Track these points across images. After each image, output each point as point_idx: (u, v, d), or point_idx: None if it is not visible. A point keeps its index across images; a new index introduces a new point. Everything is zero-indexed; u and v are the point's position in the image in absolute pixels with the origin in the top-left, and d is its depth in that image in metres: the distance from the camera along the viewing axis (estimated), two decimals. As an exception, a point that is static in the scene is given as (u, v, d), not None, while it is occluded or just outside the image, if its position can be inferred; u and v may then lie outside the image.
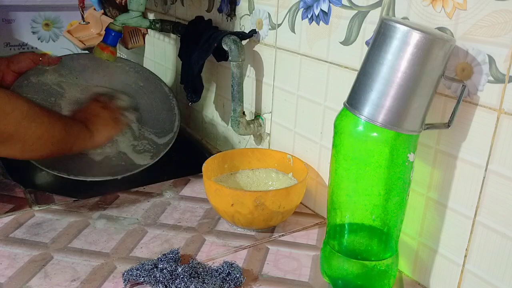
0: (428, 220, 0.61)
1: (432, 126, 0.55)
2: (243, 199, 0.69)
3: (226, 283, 0.60)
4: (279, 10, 0.81)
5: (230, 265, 0.62)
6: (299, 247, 0.71)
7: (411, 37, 0.49)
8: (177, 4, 1.15)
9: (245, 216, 0.71)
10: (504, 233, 0.52)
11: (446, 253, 0.59)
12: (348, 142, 0.55)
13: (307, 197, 0.83)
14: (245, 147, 0.98)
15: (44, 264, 0.64)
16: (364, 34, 0.66)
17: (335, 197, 0.58)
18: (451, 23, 0.54)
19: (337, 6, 0.69)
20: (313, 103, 0.78)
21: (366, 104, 0.52)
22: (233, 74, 0.86)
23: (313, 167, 0.80)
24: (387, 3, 0.62)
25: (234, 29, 0.94)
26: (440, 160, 0.58)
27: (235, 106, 0.87)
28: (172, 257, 0.63)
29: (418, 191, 0.61)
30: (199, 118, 1.17)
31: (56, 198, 0.82)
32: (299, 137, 0.83)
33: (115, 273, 0.63)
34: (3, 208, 0.78)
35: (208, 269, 0.62)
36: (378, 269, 0.58)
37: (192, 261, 0.63)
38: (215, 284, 0.58)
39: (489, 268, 0.54)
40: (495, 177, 0.52)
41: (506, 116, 0.50)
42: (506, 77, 0.50)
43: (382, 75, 0.51)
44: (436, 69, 0.51)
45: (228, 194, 0.70)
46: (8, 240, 0.69)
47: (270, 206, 0.70)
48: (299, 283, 0.63)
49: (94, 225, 0.74)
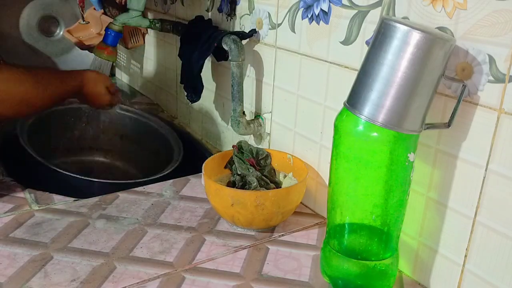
0: (428, 220, 0.61)
1: (432, 126, 0.55)
2: (243, 199, 0.69)
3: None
4: (279, 10, 0.81)
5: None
6: (299, 247, 0.71)
7: (411, 37, 0.49)
8: (177, 3, 1.15)
9: (245, 216, 0.71)
10: (504, 233, 0.52)
11: (446, 253, 0.59)
12: (348, 142, 0.55)
13: (307, 197, 0.83)
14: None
15: (44, 264, 0.64)
16: (364, 34, 0.66)
17: (335, 197, 0.58)
18: (451, 22, 0.54)
19: (337, 6, 0.69)
20: (313, 103, 0.78)
21: (366, 104, 0.52)
22: (233, 74, 0.86)
23: (313, 167, 0.80)
24: (387, 3, 0.62)
25: (234, 28, 0.94)
26: (440, 160, 0.58)
27: (235, 106, 0.87)
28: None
29: (418, 191, 0.61)
30: (199, 118, 1.17)
31: (56, 198, 0.82)
32: (299, 137, 0.83)
33: (115, 273, 0.63)
34: (3, 207, 0.78)
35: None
36: (378, 269, 0.58)
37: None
38: None
39: (489, 268, 0.54)
40: (495, 177, 0.52)
41: (506, 116, 0.50)
42: (507, 77, 0.50)
43: (382, 75, 0.51)
44: (436, 69, 0.51)
45: (228, 194, 0.70)
46: (8, 240, 0.69)
47: (270, 206, 0.70)
48: (299, 283, 0.63)
49: (94, 225, 0.74)
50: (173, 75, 1.25)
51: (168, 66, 1.28)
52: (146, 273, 0.63)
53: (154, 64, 1.37)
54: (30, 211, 0.77)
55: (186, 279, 0.63)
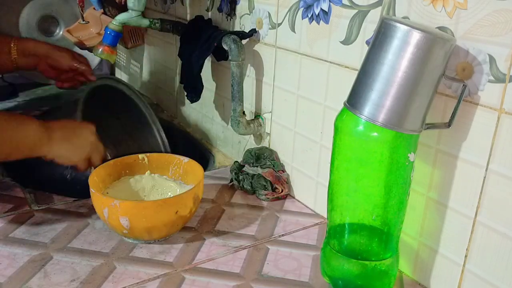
0: (428, 220, 0.61)
1: (433, 126, 0.55)
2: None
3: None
4: (279, 10, 0.81)
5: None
6: (299, 247, 0.71)
7: (411, 36, 0.49)
8: (177, 3, 1.15)
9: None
10: (504, 233, 0.52)
11: (447, 253, 0.59)
12: (348, 141, 0.55)
13: (307, 197, 0.83)
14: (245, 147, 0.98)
15: (44, 264, 0.64)
16: (365, 34, 0.66)
17: (335, 197, 0.58)
18: (451, 22, 0.54)
19: (337, 6, 0.69)
20: (313, 103, 0.78)
21: (367, 103, 0.52)
22: (233, 73, 0.86)
23: (313, 167, 0.80)
24: (387, 3, 0.62)
25: (234, 28, 0.94)
26: (440, 160, 0.58)
27: (235, 106, 0.87)
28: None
29: (418, 191, 0.61)
30: (199, 118, 1.17)
31: (55, 198, 0.82)
32: (299, 136, 0.83)
33: (115, 273, 0.63)
34: (2, 208, 0.78)
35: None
36: (379, 269, 0.58)
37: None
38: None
39: (490, 268, 0.54)
40: (496, 177, 0.52)
41: (506, 116, 0.50)
42: (507, 77, 0.50)
43: (382, 75, 0.51)
44: (437, 69, 0.51)
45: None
46: (7, 240, 0.69)
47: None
48: (299, 283, 0.63)
49: (93, 225, 0.74)
50: (173, 75, 1.25)
51: (168, 66, 1.28)
52: (146, 273, 0.63)
53: (154, 64, 1.37)
54: (30, 211, 0.77)
55: (186, 279, 0.63)
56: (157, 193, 0.78)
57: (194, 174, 0.77)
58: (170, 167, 0.81)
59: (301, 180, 0.84)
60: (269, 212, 0.81)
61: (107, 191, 0.75)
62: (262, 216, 0.79)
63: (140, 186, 0.78)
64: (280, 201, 0.84)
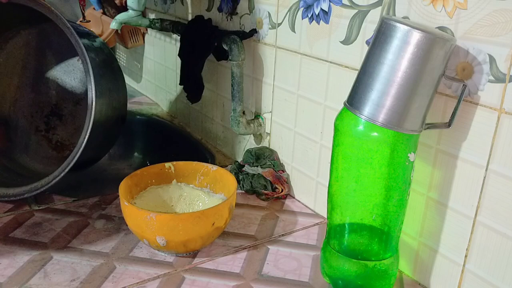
0: (428, 220, 0.61)
1: (433, 126, 0.55)
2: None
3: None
4: (279, 10, 0.81)
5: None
6: (299, 247, 0.71)
7: (411, 36, 0.49)
8: (177, 3, 1.15)
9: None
10: (504, 233, 0.52)
11: (447, 253, 0.59)
12: (348, 141, 0.55)
13: (307, 197, 0.83)
14: (245, 147, 0.98)
15: (44, 264, 0.64)
16: (365, 34, 0.66)
17: (335, 197, 0.58)
18: (451, 22, 0.54)
19: (337, 6, 0.69)
20: (313, 103, 0.78)
21: (367, 103, 0.52)
22: (233, 73, 0.86)
23: (313, 167, 0.80)
24: (387, 3, 0.62)
25: (234, 28, 0.94)
26: (440, 159, 0.58)
27: (235, 106, 0.87)
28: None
29: (418, 191, 0.61)
30: (199, 118, 1.17)
31: (55, 198, 0.82)
32: (299, 136, 0.83)
33: (115, 273, 0.63)
34: (2, 207, 0.78)
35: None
36: (379, 269, 0.58)
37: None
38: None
39: (490, 268, 0.54)
40: (496, 177, 0.52)
41: (506, 116, 0.50)
42: (507, 77, 0.50)
43: (382, 75, 0.51)
44: (437, 69, 0.51)
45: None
46: (7, 240, 0.69)
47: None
48: (299, 283, 0.63)
49: (93, 225, 0.74)
50: (173, 75, 1.25)
51: (168, 66, 1.28)
52: (146, 273, 0.63)
53: (154, 64, 1.37)
54: (30, 211, 0.77)
55: (186, 279, 0.63)
56: (184, 202, 0.76)
57: (223, 183, 0.76)
58: (197, 175, 0.79)
59: (301, 180, 0.84)
60: (269, 212, 0.81)
61: (134, 201, 0.73)
62: (262, 216, 0.79)
63: (167, 196, 0.76)
64: (280, 201, 0.84)
